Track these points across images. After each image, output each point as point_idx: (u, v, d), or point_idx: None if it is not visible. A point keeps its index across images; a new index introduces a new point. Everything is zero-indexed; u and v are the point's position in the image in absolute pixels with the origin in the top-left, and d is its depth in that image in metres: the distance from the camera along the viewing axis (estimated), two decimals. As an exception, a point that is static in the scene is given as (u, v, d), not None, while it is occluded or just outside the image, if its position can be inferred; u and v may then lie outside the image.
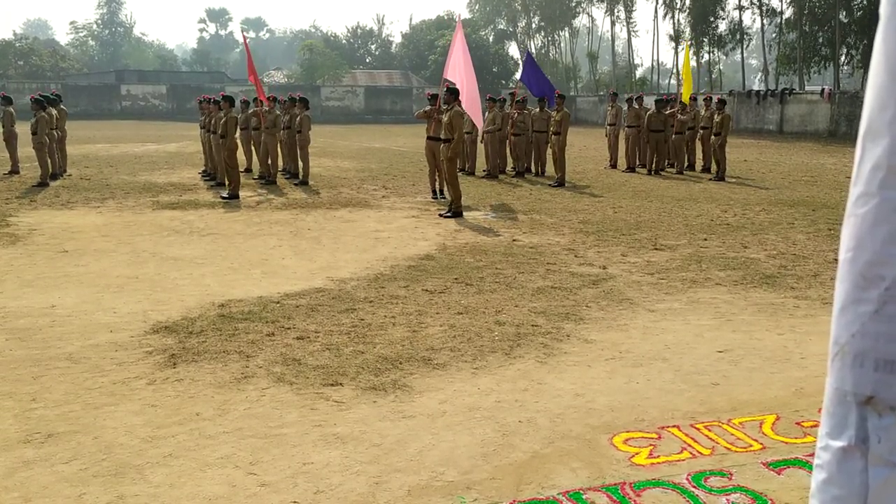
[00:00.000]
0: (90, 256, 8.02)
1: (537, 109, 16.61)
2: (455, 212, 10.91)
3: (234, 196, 12.36)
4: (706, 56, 50.69)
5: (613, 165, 18.46)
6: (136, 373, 4.64)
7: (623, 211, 11.52)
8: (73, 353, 4.99)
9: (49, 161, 14.34)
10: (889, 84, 0.79)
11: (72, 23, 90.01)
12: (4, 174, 15.17)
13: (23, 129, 15.37)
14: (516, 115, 16.42)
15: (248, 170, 16.25)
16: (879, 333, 0.81)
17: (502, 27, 70.93)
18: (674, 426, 3.95)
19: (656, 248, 8.60)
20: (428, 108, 12.52)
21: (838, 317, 0.85)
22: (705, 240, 9.15)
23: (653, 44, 54.00)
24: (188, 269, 7.46)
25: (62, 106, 16.42)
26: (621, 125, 18.68)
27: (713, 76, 52.13)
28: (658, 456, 3.62)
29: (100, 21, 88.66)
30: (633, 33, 59.37)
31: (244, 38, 17.38)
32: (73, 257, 7.97)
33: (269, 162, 14.91)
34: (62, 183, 14.35)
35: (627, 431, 3.88)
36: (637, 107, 17.87)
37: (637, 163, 17.75)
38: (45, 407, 4.14)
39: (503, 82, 56.62)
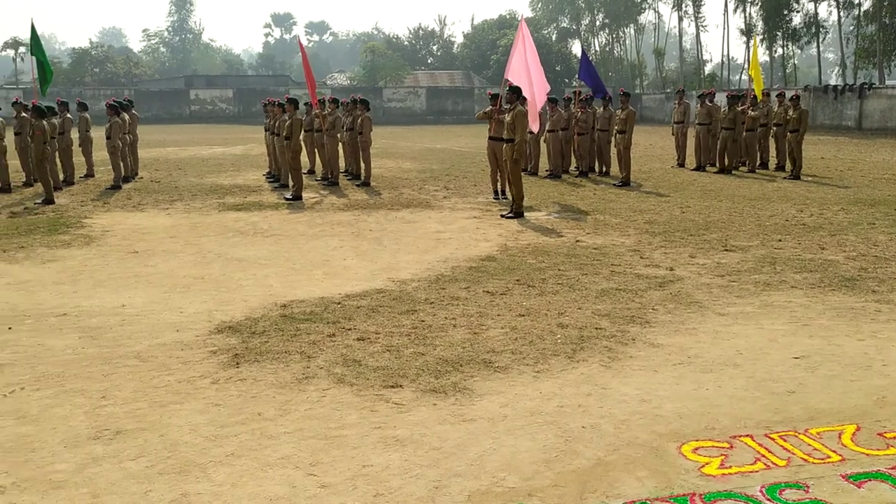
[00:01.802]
0: (159, 257, 8.21)
1: (601, 108, 16.36)
2: (517, 212, 10.81)
3: (297, 197, 12.52)
4: (779, 50, 49.21)
5: (681, 164, 18.03)
6: (200, 372, 4.70)
7: (691, 211, 11.22)
8: (141, 351, 5.09)
9: (122, 164, 14.79)
10: None
11: (144, 30, 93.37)
12: (80, 178, 15.71)
13: (97, 134, 15.90)
14: (580, 113, 16.20)
15: (312, 171, 16.45)
16: None
17: (565, 25, 70.26)
18: (747, 435, 3.78)
19: (727, 250, 8.33)
20: (488, 108, 12.44)
21: None
22: (780, 241, 8.82)
23: (723, 39, 53.02)
24: (252, 270, 7.56)
25: (134, 111, 16.94)
26: (689, 123, 18.24)
27: (787, 71, 50.56)
28: (730, 466, 3.46)
29: (170, 28, 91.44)
30: (701, 28, 57.98)
31: (300, 44, 17.60)
32: (143, 258, 8.17)
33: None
34: (134, 186, 14.78)
35: (697, 440, 3.73)
36: (709, 104, 17.42)
37: (707, 161, 17.30)
38: (114, 404, 4.23)
39: (566, 81, 56.05)
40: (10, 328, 5.61)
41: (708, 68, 63.13)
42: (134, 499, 3.23)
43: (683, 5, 56.26)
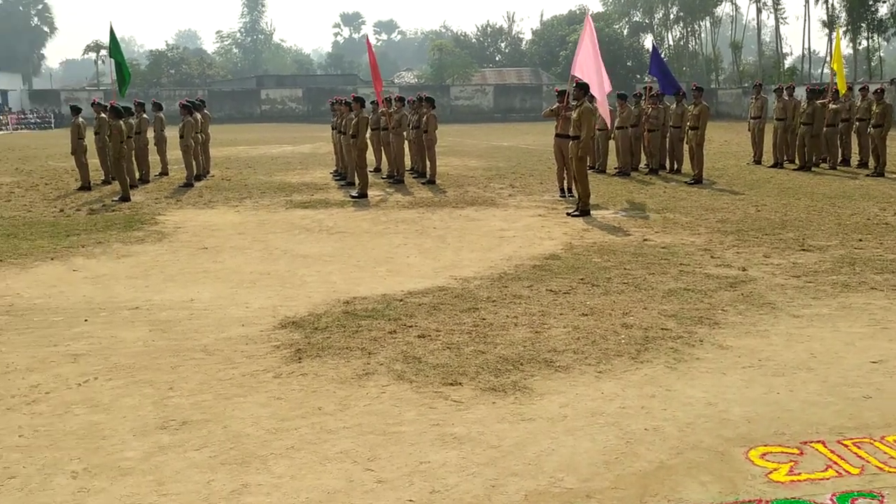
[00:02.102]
0: (227, 253, 8.40)
1: (673, 104, 15.99)
2: (583, 210, 10.66)
3: (362, 195, 12.64)
4: (864, 43, 47.24)
5: (758, 161, 17.47)
6: (264, 366, 4.78)
7: (767, 209, 10.86)
8: (207, 345, 5.21)
9: (194, 163, 15.22)
10: None
11: (217, 32, 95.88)
12: (155, 176, 16.24)
13: (171, 134, 16.39)
14: (650, 109, 15.88)
15: (378, 169, 16.59)
16: None
17: (637, 19, 69.05)
18: (818, 441, 3.62)
19: (804, 249, 8.02)
20: (555, 105, 12.30)
21: None
22: (860, 241, 8.45)
23: (803, 31, 51.09)
24: (316, 267, 7.66)
25: (206, 111, 17.40)
26: (766, 118, 17.67)
27: (872, 64, 48.51)
28: (799, 473, 3.32)
29: (243, 29, 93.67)
30: (781, 20, 55.95)
31: (368, 43, 17.76)
32: (212, 254, 8.37)
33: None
34: (205, 183, 15.19)
35: (765, 445, 3.59)
36: (787, 98, 16.84)
37: (785, 158, 16.73)
38: (180, 396, 4.33)
39: (638, 76, 55.14)
40: (86, 320, 5.82)
41: (788, 62, 61.10)
42: (197, 487, 3.29)
43: (762, -3, 54.59)
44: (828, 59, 46.14)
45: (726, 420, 3.88)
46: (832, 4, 47.79)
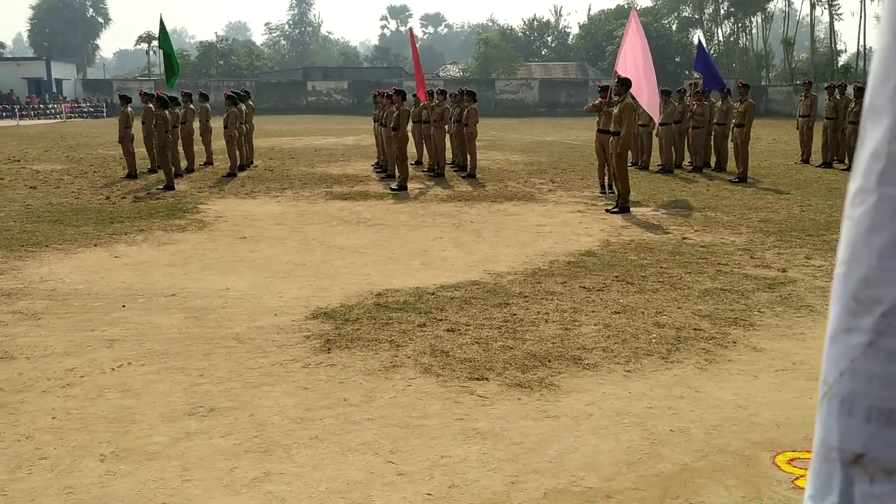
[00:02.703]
0: (265, 243, 8.51)
1: (719, 101, 15.70)
2: (623, 207, 10.53)
3: (402, 188, 12.67)
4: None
5: (805, 160, 17.06)
6: (293, 356, 4.83)
7: (812, 210, 10.61)
8: (239, 333, 5.28)
9: (238, 153, 15.43)
10: (893, 48, 0.57)
11: (266, 24, 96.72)
12: (200, 165, 16.51)
13: (217, 124, 16.64)
14: (695, 106, 15.61)
15: (419, 162, 16.62)
16: (873, 373, 0.58)
17: (686, 14, 67.96)
18: (850, 450, 3.52)
19: (845, 251, 7.81)
20: (598, 100, 12.17)
21: (828, 349, 0.64)
22: (905, 243, 8.20)
23: (859, 27, 49.46)
24: (351, 258, 7.71)
25: (250, 102, 17.61)
26: (816, 117, 17.24)
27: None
28: (828, 482, 3.23)
29: (291, 21, 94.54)
30: (835, 16, 54.44)
31: (412, 36, 17.79)
32: (250, 243, 8.49)
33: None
34: (248, 174, 15.39)
35: (794, 451, 3.51)
36: (838, 96, 16.40)
37: (835, 158, 16.31)
38: (210, 383, 4.40)
39: (686, 72, 54.23)
40: (123, 306, 5.95)
41: (842, 59, 59.50)
42: (220, 474, 3.34)
43: (816, -8, 53.27)
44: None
45: (755, 424, 3.81)
46: (890, -1, 46.38)
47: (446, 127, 15.22)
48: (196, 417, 3.93)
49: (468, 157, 14.94)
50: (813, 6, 54.64)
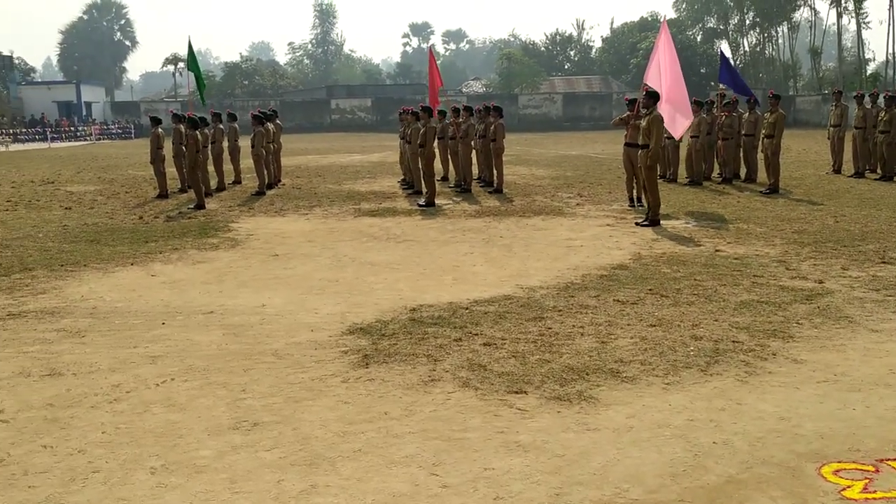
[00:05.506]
0: (297, 260, 8.60)
1: (747, 112, 15.63)
2: (652, 220, 10.51)
3: (430, 204, 12.75)
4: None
5: (837, 171, 16.90)
6: (332, 370, 4.88)
7: (846, 220, 10.50)
8: (278, 349, 5.35)
9: (265, 172, 15.62)
10: None
11: (290, 44, 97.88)
12: (229, 184, 16.72)
13: (245, 143, 16.87)
14: (724, 117, 15.56)
15: (445, 178, 16.70)
16: None
17: (711, 25, 67.67)
18: (895, 459, 3.50)
19: (885, 262, 7.73)
20: (625, 113, 12.19)
21: None
22: (942, 252, 8.10)
23: (888, 36, 48.93)
24: (384, 274, 7.77)
25: (278, 121, 17.84)
26: (847, 126, 17.08)
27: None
28: (874, 491, 3.21)
29: (314, 41, 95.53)
30: (863, 25, 53.89)
31: (430, 53, 17.95)
32: (283, 261, 8.58)
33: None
34: (277, 192, 15.57)
35: (839, 462, 3.49)
36: (868, 105, 16.25)
37: (867, 167, 16.14)
38: (252, 397, 4.47)
39: (711, 84, 53.97)
40: (163, 323, 6.05)
41: (871, 68, 58.83)
42: (268, 486, 3.39)
43: (844, 1, 52.73)
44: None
45: (799, 435, 3.78)
46: (918, 7, 45.89)
47: (472, 143, 15.31)
48: (241, 431, 3.99)
49: (494, 172, 15.00)
50: (840, 15, 54.18)
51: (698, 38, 65.17)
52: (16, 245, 9.73)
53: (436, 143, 13.95)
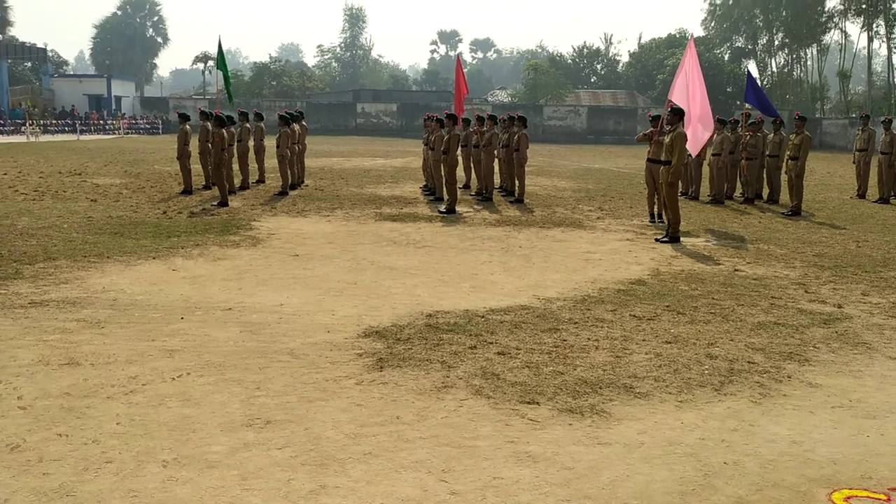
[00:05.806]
0: (317, 261, 8.66)
1: (772, 133, 15.54)
2: (673, 237, 10.47)
3: (451, 211, 12.78)
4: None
5: (862, 195, 16.75)
6: (346, 372, 4.91)
7: (868, 245, 10.41)
8: (294, 348, 5.39)
9: (289, 172, 15.74)
10: None
11: (318, 46, 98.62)
12: (253, 183, 16.87)
13: (270, 143, 17.02)
14: (749, 137, 15.47)
15: (466, 186, 16.73)
16: None
17: (739, 45, 67.31)
18: (910, 490, 3.47)
19: (903, 288, 7.66)
20: (649, 129, 12.17)
21: None
22: (966, 282, 8.01)
23: (918, 60, 48.44)
24: (402, 279, 7.80)
25: (304, 122, 17.96)
26: (873, 151, 16.93)
27: None
28: (887, 522, 3.19)
29: (343, 44, 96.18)
30: (894, 49, 53.43)
31: (458, 62, 18.03)
32: (303, 261, 8.64)
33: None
34: (299, 193, 15.68)
35: (850, 489, 3.46)
36: (894, 131, 16.10)
37: (891, 193, 15.97)
38: (266, 396, 4.51)
39: (738, 103, 53.67)
40: (182, 318, 6.12)
41: (900, 93, 58.24)
42: (278, 485, 3.42)
43: (875, 25, 52.28)
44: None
45: (811, 460, 3.76)
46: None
47: (495, 152, 15.34)
48: (254, 429, 4.03)
49: (516, 182, 15.01)
50: (870, 39, 53.75)
51: (726, 57, 64.83)
52: (41, 234, 9.87)
53: (459, 151, 13.99)
